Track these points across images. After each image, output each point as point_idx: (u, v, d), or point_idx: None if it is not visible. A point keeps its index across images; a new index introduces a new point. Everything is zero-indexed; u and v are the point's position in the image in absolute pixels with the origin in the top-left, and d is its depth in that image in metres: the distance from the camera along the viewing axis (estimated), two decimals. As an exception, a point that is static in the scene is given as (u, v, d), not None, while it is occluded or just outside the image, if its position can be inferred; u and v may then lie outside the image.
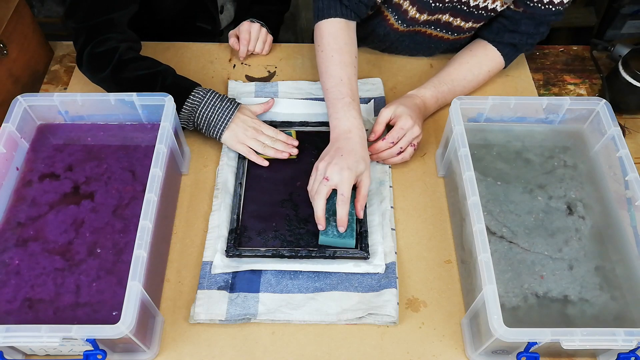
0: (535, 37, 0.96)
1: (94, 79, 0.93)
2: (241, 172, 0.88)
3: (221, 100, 0.89)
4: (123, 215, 0.78)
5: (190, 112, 0.88)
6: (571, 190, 0.83)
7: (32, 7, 1.71)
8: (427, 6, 0.92)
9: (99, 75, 0.90)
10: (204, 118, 0.88)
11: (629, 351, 0.66)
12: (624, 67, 0.96)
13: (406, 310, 0.78)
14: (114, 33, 0.90)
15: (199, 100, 0.88)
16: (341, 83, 0.85)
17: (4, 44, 0.94)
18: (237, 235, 0.82)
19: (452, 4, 0.92)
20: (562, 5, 0.90)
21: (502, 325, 0.62)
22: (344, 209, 0.78)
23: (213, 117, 0.88)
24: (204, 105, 0.87)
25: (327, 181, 0.78)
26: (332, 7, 0.88)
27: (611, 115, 0.82)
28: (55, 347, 0.68)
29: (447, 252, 0.83)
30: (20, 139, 0.83)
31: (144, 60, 0.91)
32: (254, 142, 0.89)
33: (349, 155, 0.80)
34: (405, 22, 0.97)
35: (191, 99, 0.87)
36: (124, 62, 0.89)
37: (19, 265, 0.74)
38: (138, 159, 0.84)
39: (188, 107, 0.87)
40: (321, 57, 0.88)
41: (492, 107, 0.85)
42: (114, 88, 0.90)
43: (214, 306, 0.75)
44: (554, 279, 0.75)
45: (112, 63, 0.88)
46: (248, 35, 1.07)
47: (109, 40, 0.89)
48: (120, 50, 0.89)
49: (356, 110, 0.85)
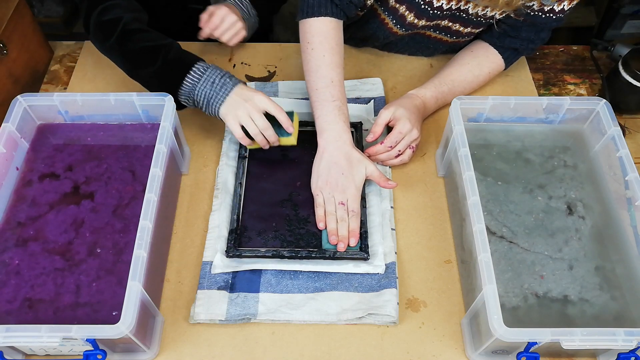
0: (536, 43, 0.97)
1: (100, 47, 0.91)
2: (241, 172, 0.88)
3: (221, 76, 0.85)
4: (123, 215, 0.78)
5: (190, 88, 0.85)
6: (571, 190, 0.83)
7: (32, 7, 1.71)
8: (425, 13, 0.92)
9: (105, 44, 0.89)
10: (202, 94, 0.85)
11: (629, 351, 0.66)
12: (624, 67, 0.96)
13: (406, 310, 0.78)
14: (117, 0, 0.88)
15: (199, 76, 0.85)
16: (332, 85, 0.85)
17: (4, 44, 0.94)
18: (237, 235, 0.82)
19: (450, 12, 0.92)
20: (563, 12, 0.90)
21: (502, 325, 0.62)
22: (356, 222, 0.80)
23: (211, 92, 0.85)
24: (204, 81, 0.85)
25: (343, 205, 0.81)
26: (322, 5, 0.86)
27: (611, 115, 0.82)
28: (55, 347, 0.68)
29: (447, 252, 0.83)
30: (20, 139, 0.83)
31: (148, 32, 0.89)
32: (247, 119, 0.84)
33: (349, 169, 0.81)
34: (404, 27, 0.97)
35: (191, 75, 0.85)
36: (129, 32, 0.87)
37: (18, 265, 0.74)
38: (138, 159, 0.84)
39: (188, 83, 0.85)
40: (311, 55, 0.86)
41: (492, 107, 0.85)
42: (118, 58, 0.89)
43: (214, 306, 0.75)
44: (554, 279, 0.75)
45: (117, 33, 0.86)
46: (219, 21, 1.01)
47: (114, 7, 0.88)
48: (125, 20, 0.87)
49: (345, 115, 0.85)
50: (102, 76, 1.05)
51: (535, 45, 0.97)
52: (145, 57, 0.86)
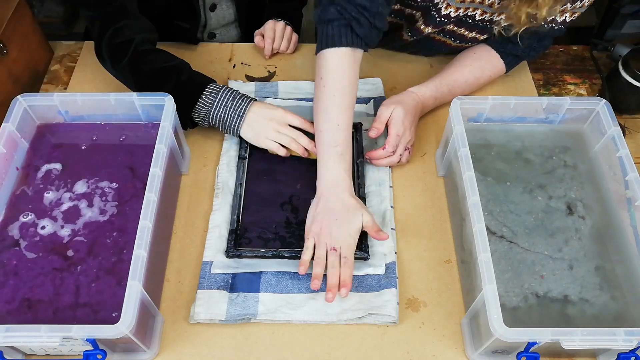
0: (537, 50, 0.97)
1: (112, 69, 0.91)
2: (241, 172, 0.88)
3: (233, 97, 0.87)
4: (123, 215, 0.78)
5: (204, 111, 0.87)
6: (571, 190, 0.83)
7: (32, 7, 1.71)
8: (433, 20, 0.92)
9: (117, 66, 0.89)
10: (218, 117, 0.87)
11: (629, 351, 0.66)
12: (624, 67, 0.96)
13: (406, 310, 0.78)
14: (128, 19, 0.89)
15: (212, 99, 0.86)
16: (337, 129, 0.81)
17: (4, 44, 0.94)
18: (237, 235, 0.82)
19: (457, 18, 0.92)
20: (564, 24, 0.90)
21: (502, 325, 0.62)
22: (349, 272, 0.75)
23: (226, 116, 0.87)
24: (217, 104, 0.86)
25: (334, 251, 0.76)
26: (343, 35, 0.80)
27: (611, 115, 0.82)
28: (55, 347, 0.68)
29: (447, 252, 0.83)
30: (20, 139, 0.83)
31: (159, 53, 0.91)
32: (277, 134, 0.86)
33: (345, 216, 0.77)
34: (415, 35, 0.98)
35: (204, 99, 0.86)
36: (140, 54, 0.88)
37: (17, 265, 0.74)
38: (138, 158, 0.84)
39: (201, 106, 0.87)
40: (322, 93, 0.82)
41: (492, 107, 0.85)
42: (130, 80, 0.90)
43: (214, 306, 0.75)
44: (554, 279, 0.75)
45: (128, 55, 0.87)
46: (273, 33, 1.07)
47: (126, 29, 0.88)
48: (136, 42, 0.88)
49: (347, 162, 0.81)
50: (102, 76, 1.05)
51: (537, 52, 0.98)
52: (157, 79, 0.87)
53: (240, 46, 1.12)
